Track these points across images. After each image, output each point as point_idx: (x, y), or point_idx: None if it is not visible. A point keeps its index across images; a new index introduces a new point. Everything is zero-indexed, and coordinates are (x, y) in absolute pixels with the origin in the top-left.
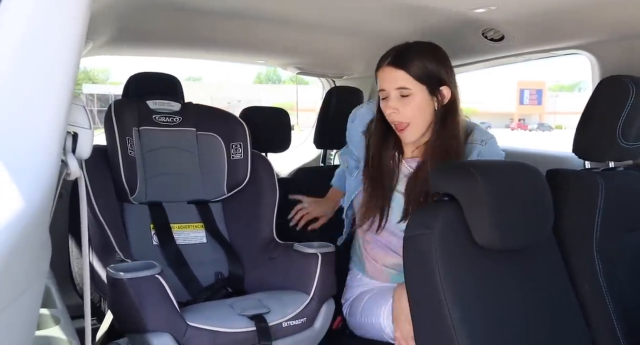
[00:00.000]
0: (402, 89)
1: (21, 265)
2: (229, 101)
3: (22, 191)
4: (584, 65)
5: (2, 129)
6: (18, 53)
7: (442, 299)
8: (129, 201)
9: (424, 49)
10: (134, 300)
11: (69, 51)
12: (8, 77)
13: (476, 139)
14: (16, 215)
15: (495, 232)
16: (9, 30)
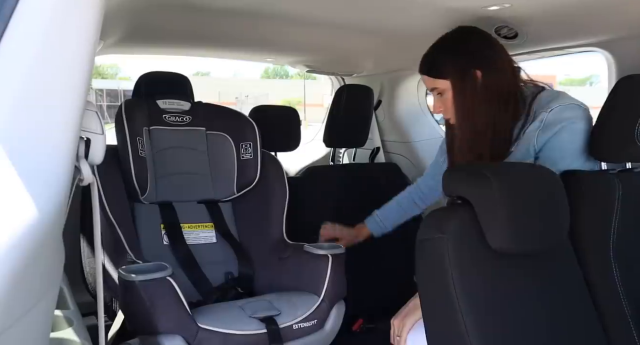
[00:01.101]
0: (434, 89)
1: (36, 274)
2: (237, 96)
3: (36, 200)
4: (595, 60)
5: (18, 135)
6: (33, 60)
7: (456, 304)
8: (139, 201)
9: (443, 44)
10: (145, 302)
11: (83, 57)
12: (24, 84)
13: (542, 104)
14: (31, 226)
15: (510, 236)
16: (24, 37)
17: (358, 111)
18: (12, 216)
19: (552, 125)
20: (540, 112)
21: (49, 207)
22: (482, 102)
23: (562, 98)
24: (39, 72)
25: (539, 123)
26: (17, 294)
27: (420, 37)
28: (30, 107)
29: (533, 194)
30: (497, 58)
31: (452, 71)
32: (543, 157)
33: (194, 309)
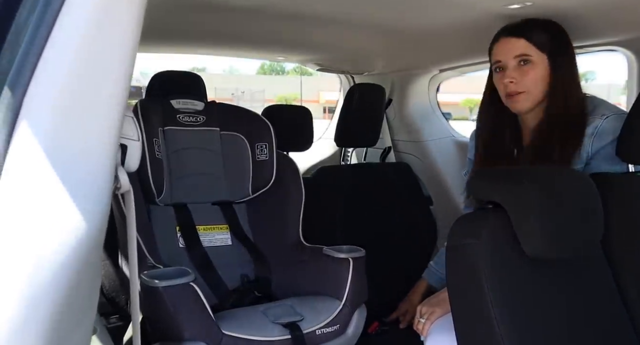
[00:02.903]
0: (523, 56)
1: (84, 292)
2: (233, 92)
3: (84, 215)
4: (592, 56)
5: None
6: (76, 65)
7: (490, 311)
8: (154, 203)
9: (546, 21)
10: (169, 308)
11: (125, 61)
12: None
13: (598, 112)
14: (79, 243)
15: (546, 243)
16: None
17: (370, 110)
18: (61, 234)
19: (607, 134)
20: (594, 119)
21: (95, 221)
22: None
23: (607, 105)
24: (82, 78)
25: (593, 129)
26: (64, 317)
27: (435, 36)
28: (74, 115)
29: (568, 198)
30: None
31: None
32: (594, 165)
33: (216, 315)
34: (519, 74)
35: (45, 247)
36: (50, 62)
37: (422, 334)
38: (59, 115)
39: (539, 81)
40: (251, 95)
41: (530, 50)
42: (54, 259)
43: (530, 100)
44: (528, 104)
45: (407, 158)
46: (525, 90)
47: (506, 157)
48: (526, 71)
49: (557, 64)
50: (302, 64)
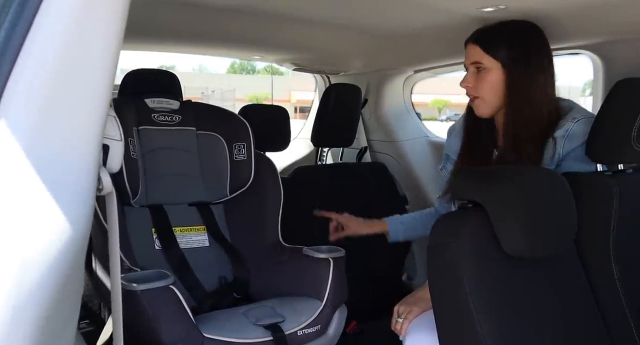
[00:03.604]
0: (477, 63)
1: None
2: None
3: (68, 216)
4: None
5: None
6: (58, 62)
7: (471, 309)
8: (129, 204)
9: (511, 28)
10: (147, 312)
11: (107, 59)
12: (48, 90)
13: (569, 116)
14: (66, 245)
15: (525, 241)
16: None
17: (346, 110)
18: (46, 235)
19: (577, 137)
20: (565, 122)
21: (80, 223)
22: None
23: (579, 108)
24: (63, 77)
25: (564, 132)
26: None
27: (411, 37)
28: (55, 115)
29: (545, 198)
30: (550, 61)
31: (505, 56)
32: (565, 165)
33: (195, 318)
34: (474, 80)
35: (31, 249)
36: (30, 61)
37: (400, 334)
38: (39, 115)
39: (492, 88)
40: (221, 95)
41: (483, 58)
42: (41, 260)
43: (487, 106)
44: (485, 109)
45: (382, 158)
46: (480, 95)
47: (483, 157)
48: (481, 77)
49: (512, 73)
50: (279, 64)
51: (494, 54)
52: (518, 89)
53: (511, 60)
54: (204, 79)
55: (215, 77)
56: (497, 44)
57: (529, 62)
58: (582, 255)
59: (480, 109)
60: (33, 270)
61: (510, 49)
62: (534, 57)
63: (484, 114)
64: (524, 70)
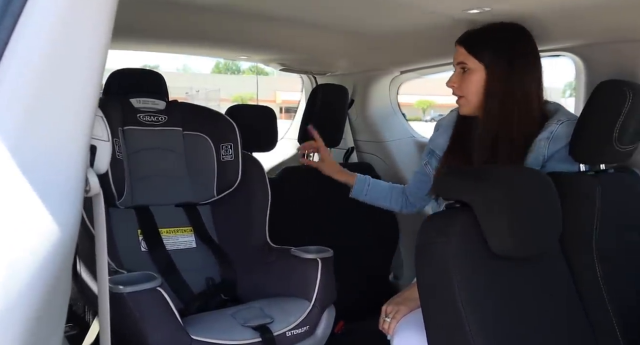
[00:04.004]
0: (462, 64)
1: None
2: (187, 91)
3: (57, 217)
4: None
5: (32, 144)
6: (44, 62)
7: (460, 309)
8: (114, 206)
9: (497, 30)
10: (134, 315)
11: (95, 59)
12: (35, 90)
13: (554, 118)
14: (55, 247)
15: (512, 241)
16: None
17: (333, 111)
18: (35, 237)
19: (561, 138)
20: (550, 124)
21: (69, 225)
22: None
23: (564, 111)
24: (50, 76)
25: (549, 134)
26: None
27: (397, 38)
28: (43, 115)
29: (532, 197)
30: (536, 64)
31: (488, 57)
32: (549, 166)
33: (184, 319)
34: (459, 80)
35: (19, 250)
36: (15, 60)
37: (388, 333)
38: (25, 115)
39: (475, 88)
40: (206, 95)
41: (468, 59)
42: (30, 261)
43: (470, 105)
44: (468, 109)
45: (369, 158)
46: (463, 95)
47: (466, 156)
48: (465, 78)
49: (493, 75)
50: (266, 64)
51: (477, 55)
52: (496, 90)
53: (494, 62)
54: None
55: (199, 77)
56: (481, 46)
57: (512, 64)
58: (566, 253)
59: (463, 108)
60: (22, 272)
61: (494, 51)
62: (518, 59)
63: (466, 113)
64: (506, 72)
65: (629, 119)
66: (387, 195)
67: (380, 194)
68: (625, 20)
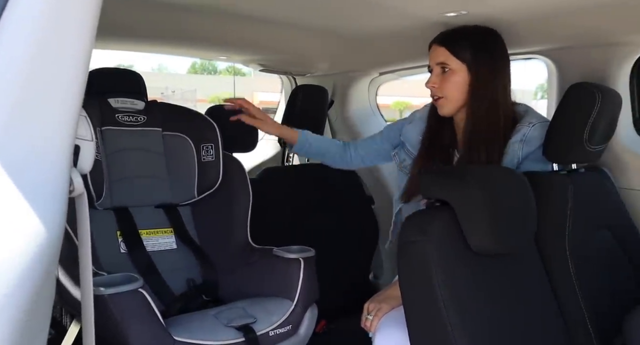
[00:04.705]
0: (443, 64)
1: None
2: (163, 91)
3: (43, 219)
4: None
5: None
6: (29, 60)
7: (441, 306)
8: (93, 207)
9: (474, 31)
10: (116, 317)
11: (80, 56)
12: (19, 89)
13: (525, 121)
14: (41, 249)
15: (491, 238)
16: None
17: (313, 112)
18: (21, 238)
19: (534, 141)
20: (522, 127)
21: (54, 226)
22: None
23: (534, 113)
24: (35, 76)
25: (522, 136)
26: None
27: (377, 40)
28: (27, 114)
29: (509, 196)
30: (508, 65)
31: (470, 58)
32: (523, 167)
33: (165, 321)
34: (440, 80)
35: (6, 251)
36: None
37: (370, 331)
38: (11, 115)
39: (457, 88)
40: (182, 95)
41: (449, 59)
42: (17, 262)
43: (450, 106)
44: (448, 109)
45: None
46: (444, 95)
47: (445, 158)
48: (446, 78)
49: (477, 74)
50: (245, 64)
51: (459, 55)
52: (481, 90)
53: (476, 62)
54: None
55: (175, 77)
56: (463, 46)
57: (493, 65)
58: (541, 251)
59: (443, 108)
60: (9, 273)
61: (475, 51)
62: (497, 61)
63: (446, 113)
64: (487, 73)
65: (598, 120)
66: (326, 152)
67: (319, 150)
68: (595, 25)
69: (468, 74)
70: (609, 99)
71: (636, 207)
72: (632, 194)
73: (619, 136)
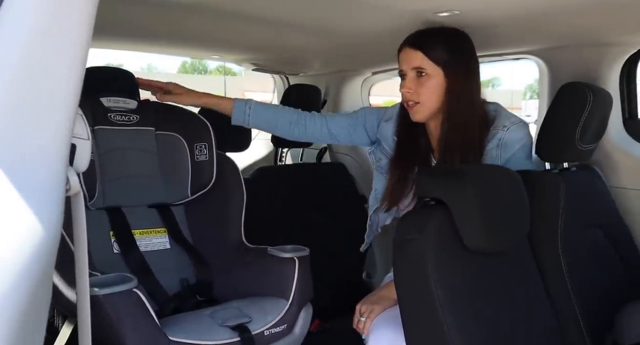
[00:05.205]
0: (419, 68)
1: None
2: None
3: (41, 218)
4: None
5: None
6: (25, 56)
7: (437, 304)
8: (86, 207)
9: (446, 33)
10: (111, 317)
11: (77, 53)
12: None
13: (498, 124)
14: (39, 250)
15: (486, 236)
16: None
17: (307, 110)
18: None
19: (511, 145)
20: (497, 131)
21: (51, 222)
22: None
23: (506, 114)
24: (33, 74)
25: (498, 141)
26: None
27: (370, 39)
28: (25, 114)
29: (503, 194)
30: (479, 67)
31: (446, 61)
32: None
33: (161, 321)
34: (415, 85)
35: (3, 251)
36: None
37: (363, 333)
38: (8, 114)
39: (434, 93)
40: None
41: (425, 63)
42: (14, 262)
43: (426, 111)
44: (424, 114)
45: (342, 158)
46: (420, 101)
47: (421, 162)
48: (422, 82)
49: (453, 77)
50: (238, 63)
51: (436, 59)
52: (457, 93)
53: (452, 65)
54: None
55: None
56: (439, 50)
57: (467, 66)
58: (534, 248)
59: (418, 114)
60: (6, 273)
61: (450, 53)
62: (470, 62)
63: (420, 119)
64: (463, 75)
65: (590, 119)
66: (276, 124)
67: (265, 121)
68: (586, 24)
69: (444, 77)
70: (600, 98)
71: (627, 206)
72: (623, 193)
73: (609, 135)
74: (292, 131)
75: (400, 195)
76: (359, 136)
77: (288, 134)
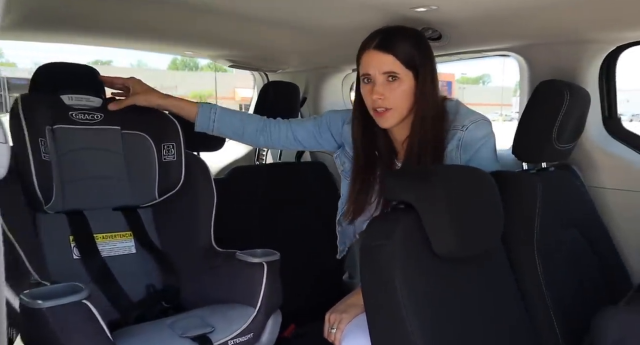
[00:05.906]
0: (391, 73)
1: None
2: None
3: None
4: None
5: None
6: None
7: (402, 308)
8: (42, 211)
9: (410, 34)
10: (56, 332)
11: None
12: None
13: (457, 124)
14: None
15: (454, 242)
16: None
17: (285, 109)
18: None
19: (471, 145)
20: (456, 131)
21: None
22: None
23: (464, 112)
24: None
25: (457, 142)
26: None
27: (348, 35)
28: None
29: (474, 197)
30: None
31: (415, 63)
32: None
33: (115, 332)
34: (387, 90)
35: None
36: None
37: (334, 343)
38: None
39: (405, 97)
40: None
41: (397, 67)
42: None
43: (398, 117)
44: (395, 120)
45: (322, 157)
46: (393, 107)
47: (384, 167)
48: (394, 87)
49: (422, 79)
50: (213, 60)
51: (406, 62)
52: (426, 95)
53: (420, 66)
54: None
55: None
56: (408, 52)
57: (431, 65)
58: (508, 251)
59: (390, 120)
60: None
61: (418, 55)
62: (432, 60)
63: (390, 126)
64: (429, 76)
65: (566, 118)
66: (243, 132)
67: (232, 129)
68: (563, 21)
69: (414, 80)
70: (578, 96)
71: (605, 205)
72: (601, 192)
73: (588, 134)
74: (257, 139)
75: (364, 203)
76: (326, 140)
77: (254, 142)
